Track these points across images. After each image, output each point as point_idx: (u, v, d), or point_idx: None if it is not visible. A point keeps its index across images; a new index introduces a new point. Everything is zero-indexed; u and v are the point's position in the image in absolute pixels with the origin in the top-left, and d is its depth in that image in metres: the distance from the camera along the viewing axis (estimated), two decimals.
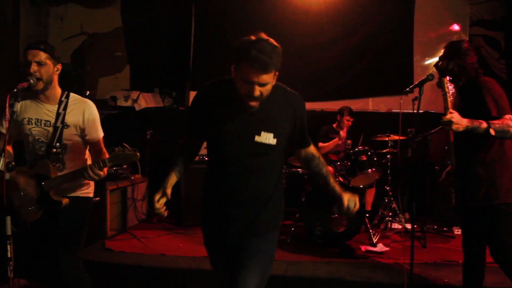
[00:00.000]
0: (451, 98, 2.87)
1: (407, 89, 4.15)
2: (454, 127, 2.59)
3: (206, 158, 5.66)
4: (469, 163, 2.86)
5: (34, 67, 2.66)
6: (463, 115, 2.65)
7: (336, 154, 5.61)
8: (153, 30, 7.32)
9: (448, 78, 2.90)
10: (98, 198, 4.78)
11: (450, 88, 2.88)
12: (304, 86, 6.73)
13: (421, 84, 3.93)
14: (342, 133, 5.53)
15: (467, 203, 2.93)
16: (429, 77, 3.90)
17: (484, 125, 2.60)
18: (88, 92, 6.48)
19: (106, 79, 7.50)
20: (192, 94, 6.86)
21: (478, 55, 2.96)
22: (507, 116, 2.64)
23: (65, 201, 2.81)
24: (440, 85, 2.91)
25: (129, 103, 6.65)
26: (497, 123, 2.62)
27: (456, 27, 6.58)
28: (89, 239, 4.60)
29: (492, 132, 2.59)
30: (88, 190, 3.02)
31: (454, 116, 2.61)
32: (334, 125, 5.89)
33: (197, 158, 5.71)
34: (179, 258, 4.39)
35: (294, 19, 6.76)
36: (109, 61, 7.55)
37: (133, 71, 7.45)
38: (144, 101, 6.67)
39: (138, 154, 2.75)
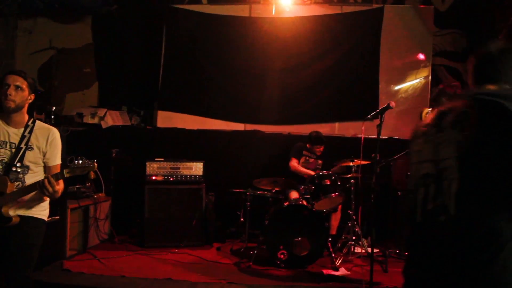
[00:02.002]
0: None
1: (369, 116, 4.29)
2: None
3: (171, 179, 5.69)
4: None
5: (11, 90, 2.84)
6: None
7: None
8: (123, 48, 7.30)
9: (430, 109, 2.97)
10: (58, 217, 4.70)
11: None
12: (272, 110, 6.84)
13: (381, 112, 4.07)
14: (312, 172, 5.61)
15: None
16: (389, 106, 4.03)
17: None
18: (54, 108, 6.39)
19: (73, 95, 7.41)
20: (161, 114, 6.91)
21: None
22: None
23: (16, 219, 2.82)
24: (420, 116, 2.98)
25: (95, 120, 6.56)
26: None
27: (421, 56, 6.81)
28: (47, 259, 4.51)
29: None
30: (43, 212, 3.02)
31: None
32: (308, 145, 5.94)
33: (160, 178, 5.76)
34: (139, 280, 4.32)
35: (263, 44, 6.87)
36: (77, 77, 7.47)
37: (101, 88, 7.39)
38: (111, 119, 6.60)
39: (96, 164, 2.81)
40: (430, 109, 2.99)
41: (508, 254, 1.47)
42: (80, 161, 2.83)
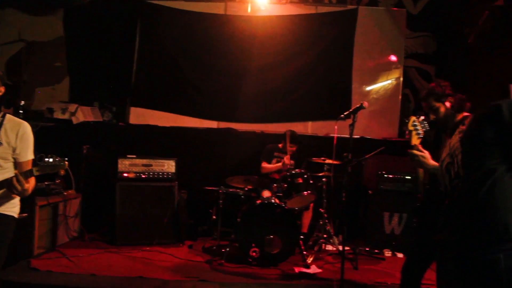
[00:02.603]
0: (421, 136, 2.97)
1: (342, 115, 4.35)
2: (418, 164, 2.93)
3: (143, 176, 5.64)
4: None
5: None
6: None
7: (279, 173, 5.71)
8: (96, 42, 7.18)
9: (416, 117, 3.02)
10: (26, 214, 4.58)
11: (420, 126, 2.98)
12: (246, 108, 6.85)
13: (354, 111, 4.13)
14: (286, 160, 5.63)
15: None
16: (362, 106, 4.10)
17: None
18: (23, 102, 6.24)
19: (43, 89, 7.24)
20: (133, 110, 6.83)
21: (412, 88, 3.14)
22: None
23: None
24: (406, 124, 3.04)
25: (66, 116, 6.44)
26: None
27: (393, 57, 6.94)
28: (13, 258, 4.38)
29: None
30: (13, 209, 2.94)
31: (423, 156, 2.92)
32: (280, 145, 5.98)
33: (132, 175, 5.70)
34: (110, 278, 4.28)
35: (238, 42, 6.88)
36: (47, 71, 7.30)
37: (72, 83, 7.25)
38: (83, 114, 6.49)
39: (67, 163, 2.75)
40: (416, 117, 3.04)
41: (501, 185, 1.86)
42: (51, 159, 2.76)
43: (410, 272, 3.14)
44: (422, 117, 3.03)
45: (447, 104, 3.01)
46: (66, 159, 2.80)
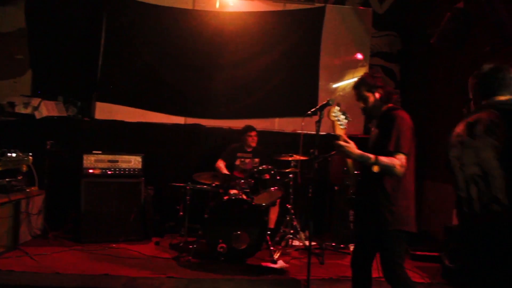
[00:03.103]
0: (344, 127, 3.05)
1: (309, 112, 4.39)
2: (345, 154, 2.92)
3: (109, 172, 5.56)
4: (372, 188, 3.06)
5: None
6: (376, 141, 3.00)
7: (243, 172, 5.74)
8: (60, 34, 6.96)
9: (337, 108, 3.10)
10: None
11: (343, 117, 3.06)
12: (214, 104, 6.84)
13: (321, 108, 4.17)
14: (249, 165, 5.74)
15: (365, 225, 3.13)
16: (329, 102, 4.15)
17: (372, 160, 2.86)
18: None
19: (3, 83, 7.00)
20: (99, 105, 6.69)
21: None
22: (399, 156, 2.89)
23: None
24: (328, 113, 3.10)
25: (29, 111, 6.26)
26: (385, 160, 2.86)
27: (359, 55, 7.06)
28: None
29: (375, 168, 2.87)
30: None
31: (348, 146, 2.92)
32: (241, 139, 6.00)
33: (98, 172, 5.62)
34: (76, 276, 4.23)
35: (206, 37, 6.84)
36: (8, 63, 7.05)
37: (35, 77, 7.02)
38: (46, 109, 6.32)
39: (31, 158, 2.66)
40: (336, 108, 3.13)
41: None
42: (14, 154, 2.69)
43: (359, 265, 3.23)
44: (338, 107, 3.13)
45: (376, 95, 3.11)
46: (30, 154, 2.72)
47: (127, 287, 4.02)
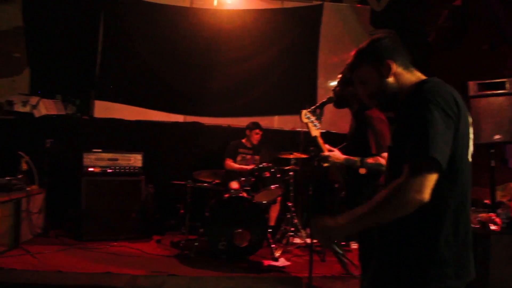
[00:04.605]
0: (318, 127, 3.08)
1: (309, 109, 4.42)
2: (332, 163, 2.96)
3: (109, 170, 5.56)
4: (363, 186, 3.08)
5: None
6: (355, 139, 2.98)
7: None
8: (58, 33, 6.93)
9: (308, 110, 3.13)
10: None
11: (314, 118, 3.09)
12: (213, 102, 6.85)
13: (321, 106, 4.20)
14: (251, 165, 5.73)
15: None
16: (329, 100, 4.18)
17: (358, 163, 2.91)
18: None
19: (1, 81, 6.96)
20: (98, 103, 6.69)
21: None
22: (384, 154, 2.92)
23: None
24: (300, 117, 3.14)
25: (27, 109, 6.25)
26: (370, 160, 2.91)
27: None
28: None
29: (361, 170, 2.90)
30: None
31: (333, 154, 2.98)
32: (243, 140, 6.04)
33: (98, 170, 5.61)
34: (77, 274, 4.21)
35: (205, 35, 6.84)
36: (6, 62, 7.03)
37: (33, 75, 7.00)
38: (45, 107, 6.31)
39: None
40: (307, 110, 3.17)
41: None
42: None
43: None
44: (310, 109, 3.16)
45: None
46: None
47: (129, 285, 4.02)
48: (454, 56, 5.86)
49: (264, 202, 5.26)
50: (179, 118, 6.81)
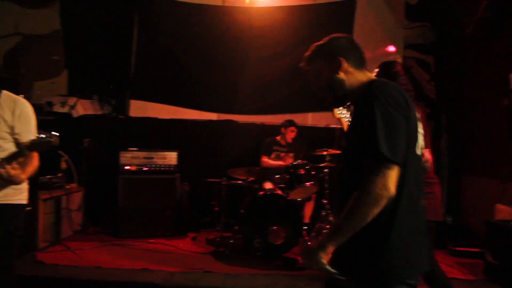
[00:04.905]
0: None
1: (345, 106, 4.36)
2: None
3: (145, 168, 5.64)
4: None
5: None
6: None
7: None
8: (94, 35, 7.11)
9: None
10: (30, 208, 4.59)
11: (348, 113, 3.03)
12: (246, 99, 6.85)
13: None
14: (288, 159, 5.75)
15: None
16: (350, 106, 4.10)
17: None
18: (22, 96, 6.20)
19: (41, 83, 7.19)
20: (133, 103, 6.80)
21: (409, 77, 3.14)
22: (427, 150, 2.85)
23: None
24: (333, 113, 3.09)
25: (66, 109, 6.42)
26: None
27: (391, 48, 6.94)
28: (19, 251, 4.39)
29: None
30: (20, 196, 2.81)
31: None
32: (278, 138, 6.01)
33: (134, 168, 5.69)
34: (115, 270, 4.29)
35: (238, 33, 6.86)
36: (45, 64, 7.25)
37: (71, 77, 7.20)
38: (82, 108, 6.47)
39: (57, 138, 2.54)
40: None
41: None
42: (43, 135, 2.56)
43: None
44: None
45: None
46: (57, 134, 2.60)
47: (165, 281, 4.06)
48: (493, 48, 5.64)
49: (298, 199, 5.22)
50: (212, 116, 6.85)
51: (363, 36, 6.91)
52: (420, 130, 1.84)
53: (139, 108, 6.81)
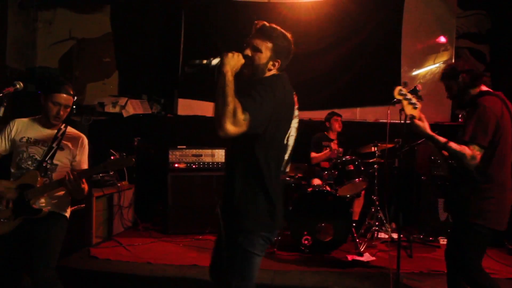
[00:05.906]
0: (417, 106, 2.90)
1: (395, 99, 4.20)
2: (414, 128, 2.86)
3: (193, 166, 5.70)
4: (458, 180, 2.92)
5: (61, 112, 3.02)
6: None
7: (329, 161, 5.64)
8: (142, 36, 7.31)
9: (403, 86, 2.95)
10: (84, 205, 4.78)
11: (411, 96, 2.91)
12: None
13: (414, 91, 3.98)
14: (333, 145, 5.59)
15: (452, 216, 3.01)
16: (416, 89, 3.95)
17: (442, 143, 2.76)
18: (75, 98, 6.44)
19: (94, 85, 7.44)
20: (181, 102, 6.90)
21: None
22: (473, 147, 2.71)
23: (45, 210, 2.96)
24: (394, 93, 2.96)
25: (117, 110, 6.61)
26: (455, 146, 2.73)
27: (442, 39, 6.68)
28: (74, 247, 4.58)
29: (444, 152, 2.81)
30: (67, 210, 3.19)
31: (422, 125, 2.86)
32: (326, 133, 5.93)
33: (183, 166, 5.75)
34: (165, 266, 4.35)
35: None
36: (97, 67, 7.50)
37: (121, 78, 7.41)
38: (132, 107, 6.64)
39: (133, 159, 2.98)
40: (402, 87, 2.96)
41: None
42: (118, 157, 2.98)
43: (451, 257, 3.05)
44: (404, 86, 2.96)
45: (460, 81, 2.99)
46: (133, 158, 2.96)
47: None
48: None
49: (347, 195, 5.12)
50: None
51: (413, 27, 6.69)
52: (295, 124, 2.48)
53: (187, 107, 6.90)
